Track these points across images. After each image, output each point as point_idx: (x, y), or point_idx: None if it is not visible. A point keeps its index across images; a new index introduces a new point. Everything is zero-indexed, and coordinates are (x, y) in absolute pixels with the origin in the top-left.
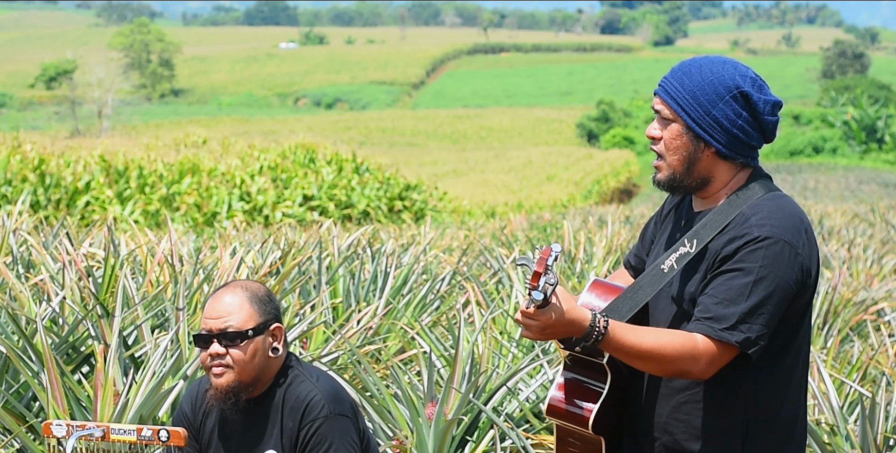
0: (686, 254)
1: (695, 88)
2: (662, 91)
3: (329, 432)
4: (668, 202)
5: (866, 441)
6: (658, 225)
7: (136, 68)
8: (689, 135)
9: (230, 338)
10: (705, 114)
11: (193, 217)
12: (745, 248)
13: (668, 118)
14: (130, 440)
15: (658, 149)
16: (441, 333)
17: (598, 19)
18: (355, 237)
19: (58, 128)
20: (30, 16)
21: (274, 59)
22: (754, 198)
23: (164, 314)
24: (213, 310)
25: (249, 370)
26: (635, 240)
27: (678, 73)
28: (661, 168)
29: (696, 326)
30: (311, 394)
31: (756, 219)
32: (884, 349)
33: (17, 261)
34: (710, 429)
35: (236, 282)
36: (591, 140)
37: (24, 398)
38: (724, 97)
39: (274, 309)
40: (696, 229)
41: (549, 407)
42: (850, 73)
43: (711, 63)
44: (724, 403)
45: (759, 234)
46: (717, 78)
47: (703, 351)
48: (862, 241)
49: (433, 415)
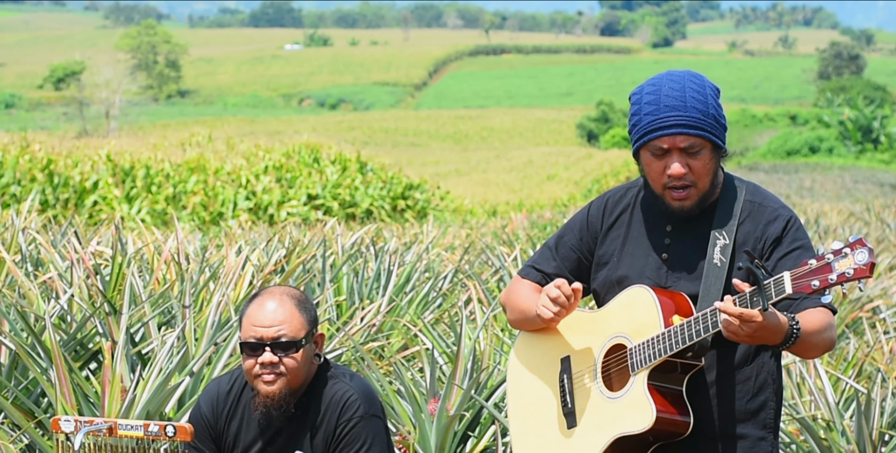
0: (726, 246)
1: (708, 109)
2: (687, 128)
3: (364, 431)
4: (603, 215)
5: (862, 436)
6: (591, 239)
7: (143, 69)
8: (715, 154)
9: (284, 348)
10: (721, 128)
11: (199, 216)
12: (790, 228)
13: (696, 150)
14: (137, 435)
15: (690, 180)
16: (443, 330)
17: (597, 21)
18: (359, 236)
19: (66, 129)
20: (38, 18)
21: (279, 60)
22: (744, 187)
23: (170, 311)
24: (264, 318)
25: (300, 377)
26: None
27: (686, 102)
28: (690, 195)
29: (809, 302)
30: (347, 394)
31: (771, 202)
32: (879, 346)
33: (26, 260)
34: (750, 409)
35: (278, 289)
36: (591, 140)
37: (32, 394)
38: (719, 103)
39: (315, 315)
40: (718, 222)
41: (659, 420)
42: (845, 74)
43: (693, 79)
44: (756, 382)
45: (790, 215)
46: (708, 89)
47: (833, 320)
48: None
49: (436, 411)
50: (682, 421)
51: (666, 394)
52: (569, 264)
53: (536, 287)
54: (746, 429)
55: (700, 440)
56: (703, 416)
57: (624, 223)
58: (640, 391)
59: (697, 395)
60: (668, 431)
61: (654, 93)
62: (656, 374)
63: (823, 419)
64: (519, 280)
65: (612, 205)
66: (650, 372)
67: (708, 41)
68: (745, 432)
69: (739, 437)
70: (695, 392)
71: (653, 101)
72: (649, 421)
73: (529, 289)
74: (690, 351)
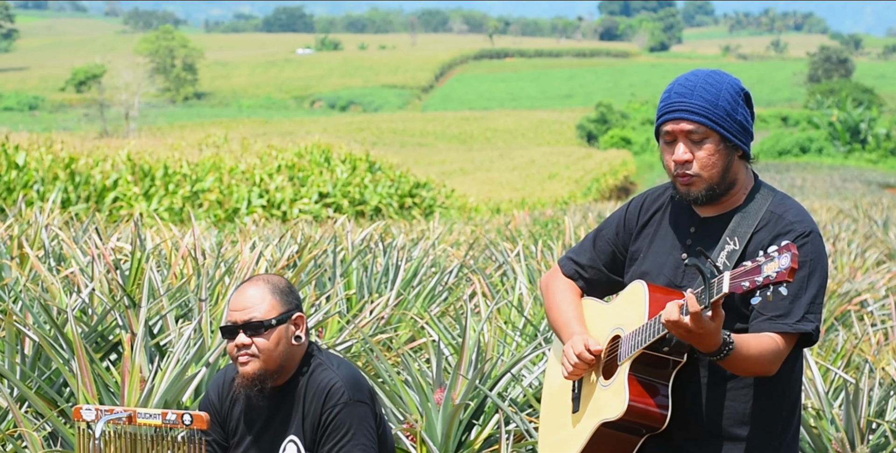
0: (734, 252)
1: (718, 100)
2: (689, 113)
3: (348, 417)
4: (640, 212)
5: (850, 424)
6: (627, 235)
7: (161, 73)
8: (724, 146)
9: (254, 328)
10: (734, 123)
11: (215, 213)
12: (796, 243)
13: (699, 138)
14: (156, 423)
15: (692, 170)
16: (449, 323)
17: (597, 26)
18: (368, 232)
19: (87, 130)
20: (61, 23)
21: (291, 63)
22: (770, 197)
23: (187, 305)
24: (237, 303)
25: (274, 358)
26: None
27: (694, 91)
28: (696, 183)
29: (770, 325)
30: (332, 381)
31: (791, 215)
32: (867, 338)
33: (49, 255)
34: (756, 413)
35: (258, 276)
36: (591, 140)
37: (55, 384)
38: (738, 101)
39: (295, 299)
40: (733, 227)
41: (631, 408)
42: (835, 77)
43: (711, 75)
44: (767, 388)
45: (804, 230)
46: (726, 86)
47: (783, 349)
48: (846, 236)
49: (442, 400)
50: (658, 412)
51: (647, 386)
52: (604, 257)
53: (570, 288)
54: (747, 432)
55: (700, 438)
56: (701, 415)
57: (656, 221)
58: (621, 380)
59: (694, 394)
60: (642, 422)
61: (671, 85)
62: (641, 367)
63: (814, 408)
64: (556, 271)
65: (649, 204)
66: (637, 364)
67: (703, 45)
68: (745, 434)
69: (739, 439)
70: (692, 390)
71: (667, 90)
72: (622, 409)
73: (563, 293)
74: (667, 347)
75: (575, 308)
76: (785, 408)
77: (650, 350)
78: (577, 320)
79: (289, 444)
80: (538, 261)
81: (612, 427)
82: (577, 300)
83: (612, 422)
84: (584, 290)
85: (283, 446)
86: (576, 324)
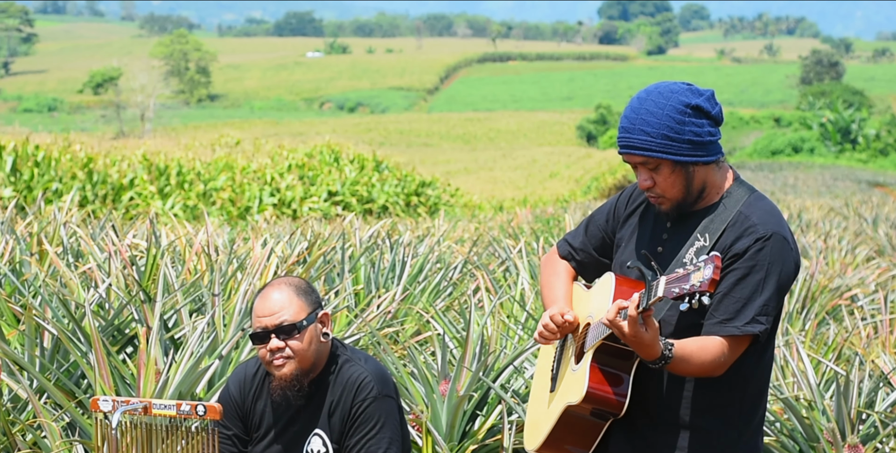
0: (703, 248)
1: (660, 129)
2: (633, 149)
3: (377, 411)
4: (628, 202)
5: (841, 415)
6: (616, 222)
7: (176, 75)
8: (678, 167)
9: (287, 331)
10: (682, 144)
11: (228, 211)
12: (754, 246)
13: (654, 166)
14: (170, 414)
15: (656, 192)
16: (453, 317)
17: (596, 31)
18: (375, 229)
19: (104, 130)
20: (78, 28)
21: (301, 66)
22: (745, 197)
23: (201, 299)
24: (264, 309)
25: (308, 357)
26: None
27: (635, 124)
28: (663, 202)
29: (720, 329)
30: (362, 376)
31: (756, 217)
32: (857, 331)
33: (68, 251)
34: (715, 404)
35: (278, 280)
36: (590, 141)
37: (73, 376)
38: (684, 119)
39: (317, 297)
40: (706, 225)
41: (589, 395)
42: (826, 79)
43: (657, 96)
44: (726, 382)
45: (764, 233)
46: (669, 108)
47: (729, 353)
48: (837, 233)
49: (446, 392)
50: (616, 400)
51: (608, 374)
52: (594, 242)
53: (564, 268)
54: (705, 422)
55: (659, 424)
56: (661, 403)
57: (640, 213)
58: (583, 367)
59: (657, 383)
60: (601, 408)
61: (624, 111)
62: (604, 357)
63: (805, 399)
64: (554, 252)
65: (637, 194)
66: (599, 353)
67: (698, 49)
68: (703, 424)
69: (697, 428)
70: (654, 379)
71: (622, 116)
72: (580, 395)
73: (556, 273)
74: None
75: (565, 287)
76: (746, 401)
77: (610, 341)
78: (565, 298)
79: (314, 437)
80: (540, 257)
81: (577, 409)
82: (568, 281)
83: (575, 405)
84: (576, 270)
85: (309, 439)
86: (562, 302)
